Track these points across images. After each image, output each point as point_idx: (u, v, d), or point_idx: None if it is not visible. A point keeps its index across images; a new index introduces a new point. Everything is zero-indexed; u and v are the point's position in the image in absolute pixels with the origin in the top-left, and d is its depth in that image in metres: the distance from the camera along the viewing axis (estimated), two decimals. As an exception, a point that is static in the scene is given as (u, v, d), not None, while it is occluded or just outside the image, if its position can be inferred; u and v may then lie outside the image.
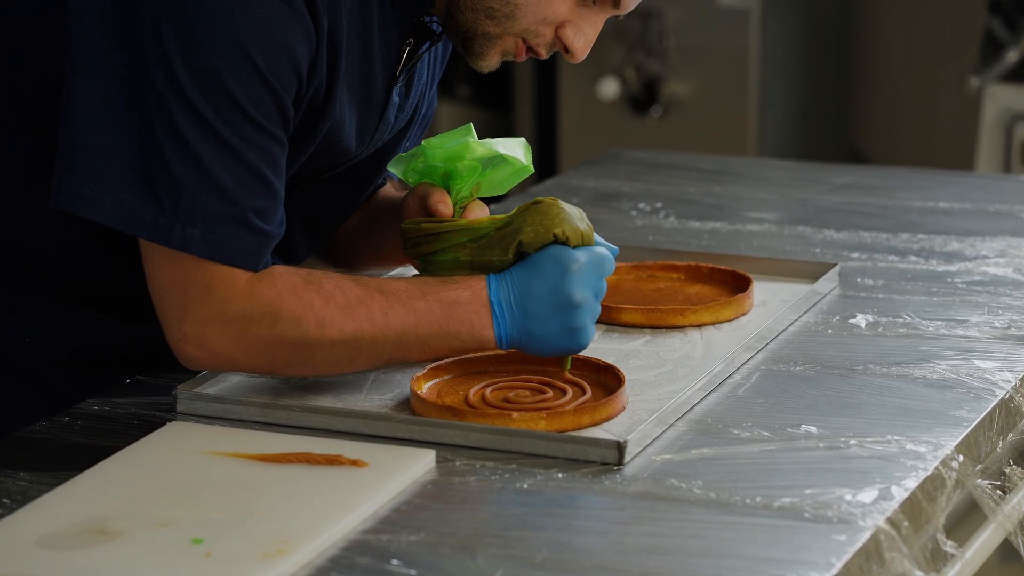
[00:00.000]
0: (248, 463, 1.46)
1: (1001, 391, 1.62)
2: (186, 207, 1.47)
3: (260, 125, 1.48)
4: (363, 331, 1.52)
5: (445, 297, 1.54)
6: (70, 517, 1.36)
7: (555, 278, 1.54)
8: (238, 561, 1.28)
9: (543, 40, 1.59)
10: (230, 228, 1.48)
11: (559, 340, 1.55)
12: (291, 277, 1.52)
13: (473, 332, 1.54)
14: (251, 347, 1.51)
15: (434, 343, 1.54)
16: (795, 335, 1.78)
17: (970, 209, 2.25)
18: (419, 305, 1.53)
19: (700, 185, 2.40)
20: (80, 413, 1.59)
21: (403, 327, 1.53)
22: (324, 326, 1.51)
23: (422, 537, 1.34)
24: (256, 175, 1.49)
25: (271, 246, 1.52)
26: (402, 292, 1.54)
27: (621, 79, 4.03)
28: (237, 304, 1.50)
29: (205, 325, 1.50)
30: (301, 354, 1.52)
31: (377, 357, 1.54)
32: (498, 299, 1.54)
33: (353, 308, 1.52)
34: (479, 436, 1.50)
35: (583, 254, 1.55)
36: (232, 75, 1.46)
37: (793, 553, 1.31)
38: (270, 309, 1.50)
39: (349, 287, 1.53)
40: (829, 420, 1.55)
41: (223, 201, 1.48)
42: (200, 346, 1.51)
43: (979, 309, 1.85)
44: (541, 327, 1.54)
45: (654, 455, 1.48)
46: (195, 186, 1.47)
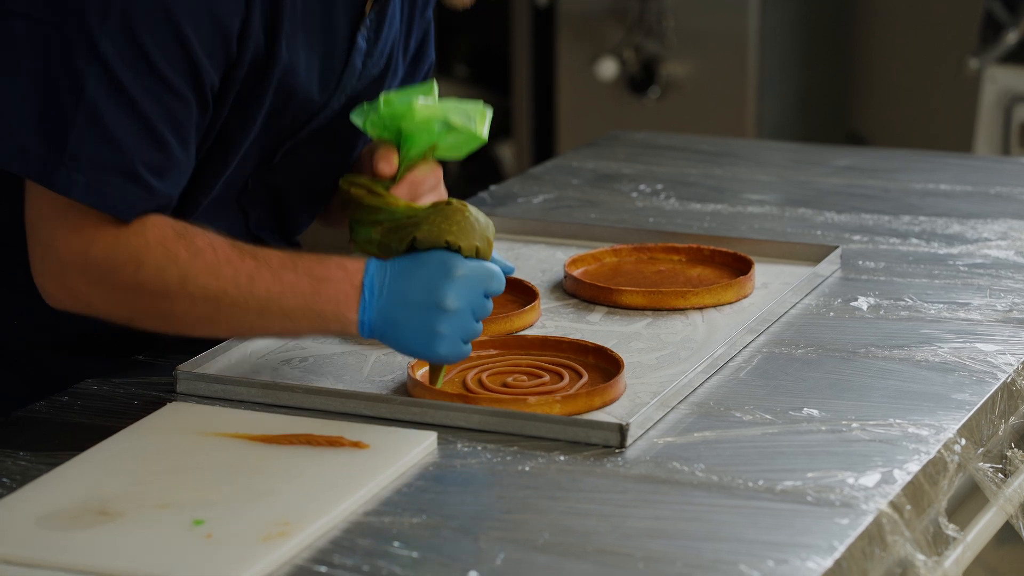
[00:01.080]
0: (249, 444, 1.45)
1: (1003, 374, 1.62)
2: (73, 151, 1.45)
3: (166, 80, 1.46)
4: (226, 292, 1.49)
5: (317, 272, 1.50)
6: (70, 497, 1.35)
7: (435, 277, 1.50)
8: (239, 543, 1.28)
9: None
10: (116, 178, 1.46)
11: (419, 340, 1.50)
12: (163, 228, 1.50)
13: (338, 312, 1.49)
14: (111, 293, 1.49)
15: (297, 318, 1.50)
16: (797, 318, 1.77)
17: (971, 191, 2.24)
18: (288, 276, 1.50)
19: (701, 167, 2.39)
20: (80, 393, 1.58)
21: (267, 296, 1.49)
22: (187, 280, 1.48)
23: (423, 519, 1.34)
24: (151, 130, 1.47)
25: (160, 205, 1.50)
26: (274, 261, 1.50)
27: (620, 60, 4.01)
28: (101, 248, 1.48)
29: (67, 265, 1.48)
30: (160, 305, 1.49)
31: (239, 323, 1.51)
32: (371, 283, 1.50)
33: (220, 267, 1.49)
34: (481, 418, 1.49)
35: (471, 265, 1.51)
36: (144, 25, 1.44)
37: (795, 537, 1.31)
38: (134, 256, 1.48)
39: (221, 247, 1.50)
40: (831, 403, 1.55)
41: (112, 151, 1.46)
42: (60, 285, 1.50)
43: (981, 292, 1.85)
44: (405, 319, 1.49)
45: (656, 438, 1.48)
46: (85, 131, 1.45)
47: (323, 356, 1.66)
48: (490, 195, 2.24)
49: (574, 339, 1.64)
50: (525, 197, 2.23)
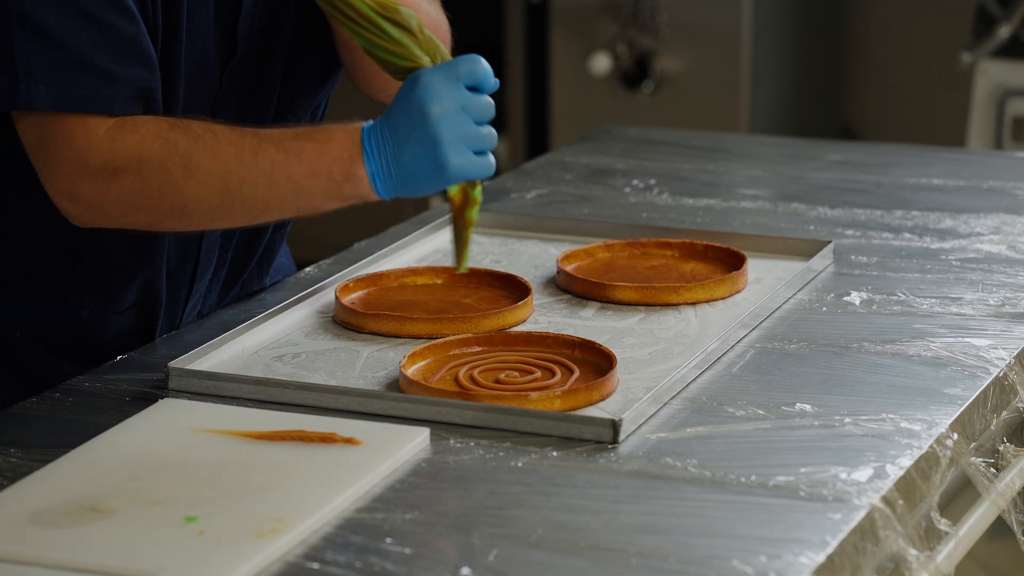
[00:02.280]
0: (241, 441, 1.45)
1: (995, 369, 1.62)
2: (23, 64, 1.44)
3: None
4: (231, 171, 1.48)
5: (318, 136, 1.50)
6: (62, 494, 1.35)
7: (406, 94, 1.49)
8: (232, 539, 1.28)
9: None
10: (75, 75, 1.45)
11: (427, 161, 1.48)
12: (156, 123, 1.49)
13: (346, 170, 1.49)
14: (121, 197, 1.49)
15: (307, 184, 1.49)
16: (789, 313, 1.77)
17: (964, 186, 2.24)
18: (291, 144, 1.49)
19: (694, 162, 2.39)
20: (71, 390, 1.58)
21: (273, 167, 1.49)
22: (190, 167, 1.48)
23: (416, 515, 1.34)
24: (89, 17, 1.45)
25: (131, 89, 1.49)
26: (275, 133, 1.50)
27: (613, 54, 4.01)
28: (99, 154, 1.47)
29: (73, 178, 1.48)
30: (171, 199, 1.48)
31: (251, 203, 1.50)
32: (369, 136, 1.50)
33: (222, 147, 1.48)
34: (474, 414, 1.49)
35: (434, 69, 1.49)
36: None
37: (788, 532, 1.31)
38: (134, 155, 1.47)
39: (221, 129, 1.50)
40: (823, 398, 1.55)
41: (59, 49, 1.44)
42: (73, 199, 1.49)
43: (973, 286, 1.85)
44: (405, 150, 1.48)
45: (649, 433, 1.48)
46: (28, 41, 1.44)
47: (315, 352, 1.65)
48: (484, 190, 2.24)
49: (560, 334, 1.64)
50: (518, 192, 2.23)
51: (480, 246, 1.99)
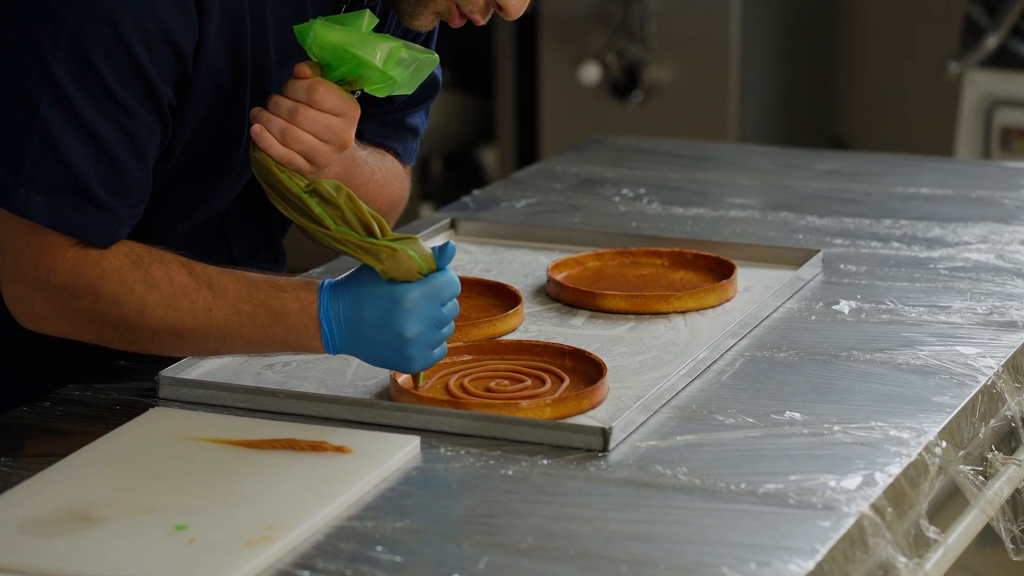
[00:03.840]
0: (232, 449, 1.45)
1: (983, 377, 1.63)
2: (30, 173, 1.46)
3: (121, 103, 1.46)
4: (184, 324, 1.50)
5: (272, 305, 1.50)
6: (52, 503, 1.35)
7: (387, 310, 1.49)
8: (223, 547, 1.28)
9: (476, 5, 1.55)
10: (72, 199, 1.47)
11: (391, 364, 1.51)
12: (119, 258, 1.51)
13: (301, 341, 1.51)
14: (75, 319, 1.51)
15: (261, 344, 1.52)
16: (779, 321, 1.78)
17: (952, 195, 2.25)
18: (245, 308, 1.50)
19: (683, 171, 2.40)
20: (61, 398, 1.58)
21: (227, 327, 1.51)
22: (144, 313, 1.50)
23: (407, 523, 1.34)
24: (105, 150, 1.47)
25: (122, 223, 1.50)
26: (230, 291, 1.51)
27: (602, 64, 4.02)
28: (61, 276, 1.49)
29: (32, 290, 1.50)
30: (123, 334, 1.52)
31: (204, 348, 1.54)
32: (327, 316, 1.50)
33: (177, 299, 1.50)
34: (464, 423, 1.50)
35: (417, 288, 1.49)
36: (97, 46, 1.44)
37: (778, 539, 1.32)
38: (91, 287, 1.49)
39: (179, 276, 1.50)
40: (813, 406, 1.56)
41: (66, 172, 1.46)
42: (27, 309, 1.51)
43: (961, 295, 1.85)
44: (372, 350, 1.50)
45: (639, 442, 1.48)
46: (42, 153, 1.46)
47: (306, 361, 1.66)
48: (473, 199, 2.25)
49: (550, 343, 1.64)
50: (508, 201, 2.24)
51: (470, 255, 1.99)
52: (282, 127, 1.53)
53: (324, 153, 1.54)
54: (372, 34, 1.53)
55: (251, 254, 1.74)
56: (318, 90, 1.52)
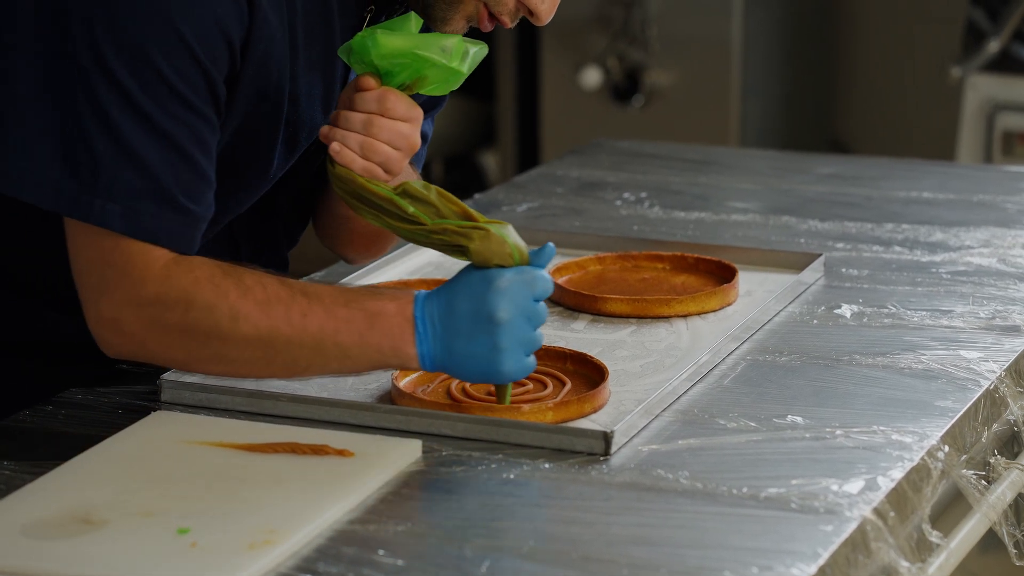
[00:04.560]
0: (234, 453, 1.45)
1: (986, 381, 1.63)
2: (105, 182, 1.45)
3: (187, 101, 1.46)
4: (279, 330, 1.47)
5: (369, 307, 1.48)
6: (55, 506, 1.35)
7: (479, 294, 1.47)
8: (224, 551, 1.28)
9: (506, 7, 1.55)
10: (151, 205, 1.46)
11: (481, 362, 1.48)
12: (210, 267, 1.49)
13: (395, 346, 1.48)
14: (165, 334, 1.48)
15: (354, 353, 1.49)
16: (780, 325, 1.78)
17: (954, 199, 2.25)
18: (341, 312, 1.48)
19: (685, 175, 2.40)
20: (64, 402, 1.58)
21: (322, 332, 1.48)
22: (238, 319, 1.47)
23: (409, 527, 1.34)
24: (180, 152, 1.47)
25: (199, 227, 1.49)
26: (326, 297, 1.49)
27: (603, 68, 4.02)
28: (152, 287, 1.47)
29: (121, 307, 1.47)
30: (215, 347, 1.48)
31: (294, 361, 1.49)
32: (422, 315, 1.48)
33: (271, 305, 1.48)
34: (466, 426, 1.50)
35: (512, 272, 1.48)
36: (159, 49, 1.44)
37: (780, 543, 1.31)
38: (184, 295, 1.47)
39: (271, 284, 1.49)
40: (815, 410, 1.56)
41: (144, 177, 1.45)
42: (116, 330, 1.48)
43: (964, 299, 1.85)
44: (464, 346, 1.48)
45: (640, 445, 1.48)
46: (116, 161, 1.44)
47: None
48: (474, 203, 2.25)
49: (551, 346, 1.64)
50: (509, 205, 2.24)
51: (472, 259, 1.99)
52: (360, 141, 1.53)
53: (398, 160, 1.55)
54: (429, 34, 1.55)
55: (256, 256, 1.74)
56: (389, 99, 1.53)
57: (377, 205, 1.55)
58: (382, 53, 1.52)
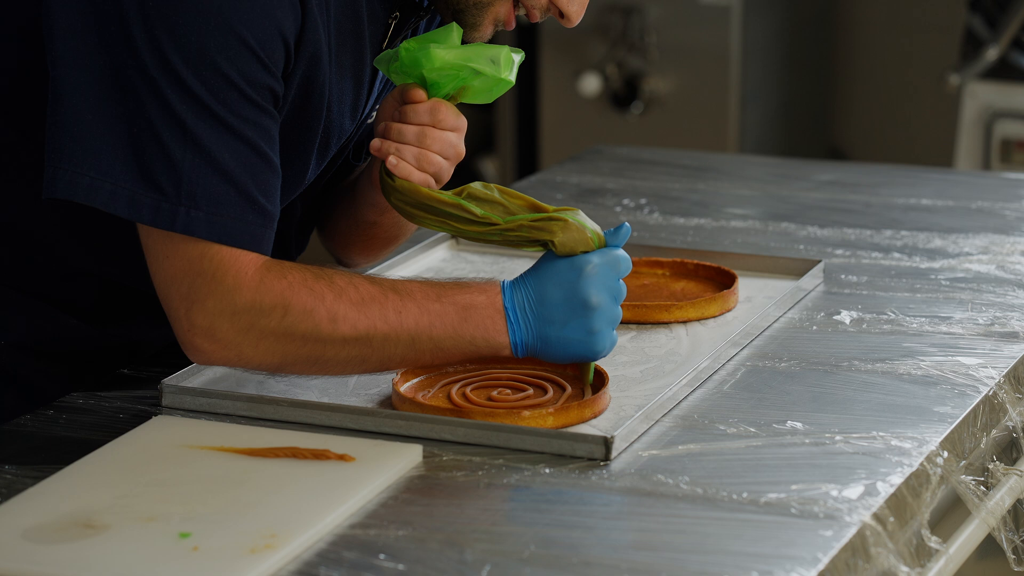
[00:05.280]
0: (235, 457, 1.45)
1: (985, 387, 1.63)
2: (188, 189, 1.45)
3: (254, 101, 1.47)
4: (376, 329, 1.50)
5: (460, 300, 1.52)
6: (56, 510, 1.35)
7: (570, 281, 1.52)
8: (226, 555, 1.28)
9: (538, 3, 1.58)
10: (234, 208, 1.46)
11: (576, 346, 1.53)
12: (301, 271, 1.50)
13: (488, 337, 1.52)
14: (261, 340, 1.48)
15: (447, 346, 1.52)
16: (780, 331, 1.78)
17: (953, 206, 2.26)
18: (434, 307, 1.51)
19: (684, 181, 2.40)
20: (65, 407, 1.58)
21: (417, 328, 1.51)
22: (336, 321, 1.49)
23: (409, 532, 1.34)
24: (256, 152, 1.48)
25: (273, 228, 1.50)
26: (417, 293, 1.51)
27: (602, 75, 4.03)
28: (247, 294, 1.47)
29: (214, 316, 1.47)
30: (312, 349, 1.50)
31: (389, 358, 1.52)
32: (513, 305, 1.52)
33: (367, 305, 1.49)
34: (466, 431, 1.50)
35: (597, 256, 1.53)
36: (222, 53, 1.45)
37: (780, 548, 1.32)
38: (280, 300, 1.48)
39: (362, 284, 1.51)
40: (814, 416, 1.56)
41: (225, 181, 1.46)
42: (210, 337, 1.48)
43: (962, 306, 1.86)
44: (557, 332, 1.52)
45: (641, 451, 1.49)
46: (195, 167, 1.45)
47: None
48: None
49: None
50: (509, 211, 2.24)
51: (472, 264, 2.00)
52: (416, 153, 1.56)
53: (448, 170, 1.59)
54: (474, 45, 1.57)
55: None
56: (440, 110, 1.56)
57: (443, 212, 1.56)
58: (435, 67, 1.55)
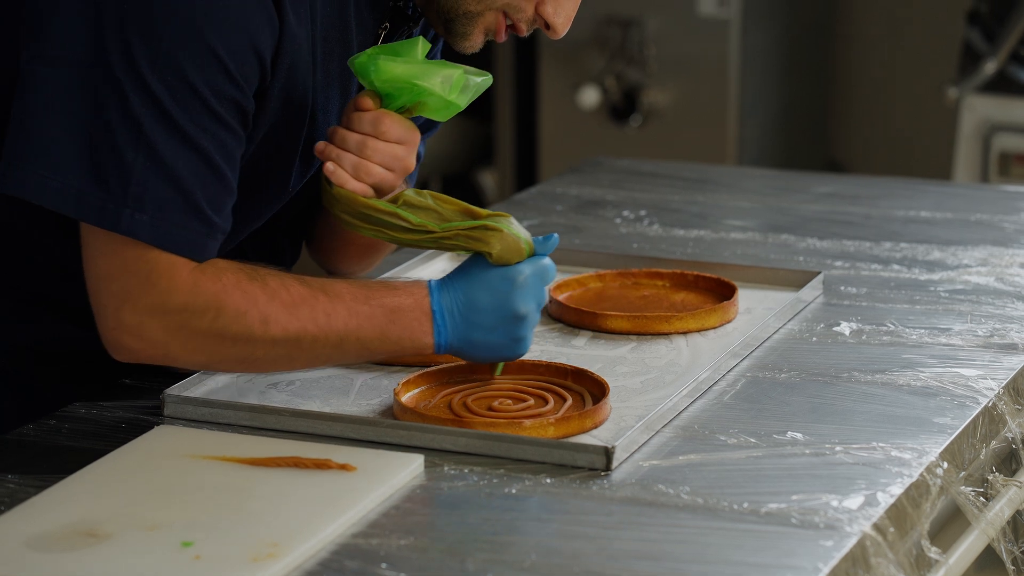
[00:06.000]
0: (237, 467, 1.46)
1: (984, 399, 1.63)
2: (135, 192, 1.45)
3: (217, 115, 1.47)
4: (306, 331, 1.51)
5: (388, 303, 1.53)
6: (59, 519, 1.36)
7: (503, 291, 1.54)
8: (228, 564, 1.29)
9: (524, 16, 1.58)
10: (179, 216, 1.47)
11: (499, 349, 1.57)
12: (236, 272, 1.50)
13: (413, 338, 1.54)
14: (190, 340, 1.49)
15: (374, 347, 1.54)
16: (780, 343, 1.79)
17: (951, 218, 2.26)
18: (362, 309, 1.52)
19: (684, 193, 2.41)
20: (68, 416, 1.59)
21: (345, 330, 1.52)
22: (268, 323, 1.50)
23: (411, 541, 1.35)
24: (209, 164, 1.48)
25: (218, 240, 1.51)
26: (346, 295, 1.53)
27: (601, 87, 4.03)
28: (180, 296, 1.48)
29: (145, 315, 1.48)
30: (242, 350, 1.51)
31: (316, 357, 1.54)
32: (440, 308, 1.54)
33: (297, 307, 1.51)
34: (468, 441, 1.50)
35: (528, 267, 1.55)
36: (191, 61, 1.45)
37: (780, 558, 1.32)
38: (214, 302, 1.48)
39: (294, 285, 1.51)
40: (814, 427, 1.56)
41: (174, 188, 1.46)
42: (138, 336, 1.49)
43: (962, 317, 1.86)
44: (483, 337, 1.55)
45: (641, 461, 1.49)
46: (146, 171, 1.45)
47: (310, 380, 1.66)
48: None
49: (552, 362, 1.65)
50: (509, 223, 2.24)
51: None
52: (354, 162, 1.56)
53: (391, 182, 1.58)
54: (432, 62, 1.56)
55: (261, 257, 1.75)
56: (384, 122, 1.55)
57: (379, 220, 1.56)
58: (383, 78, 1.54)
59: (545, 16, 1.58)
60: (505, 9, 1.57)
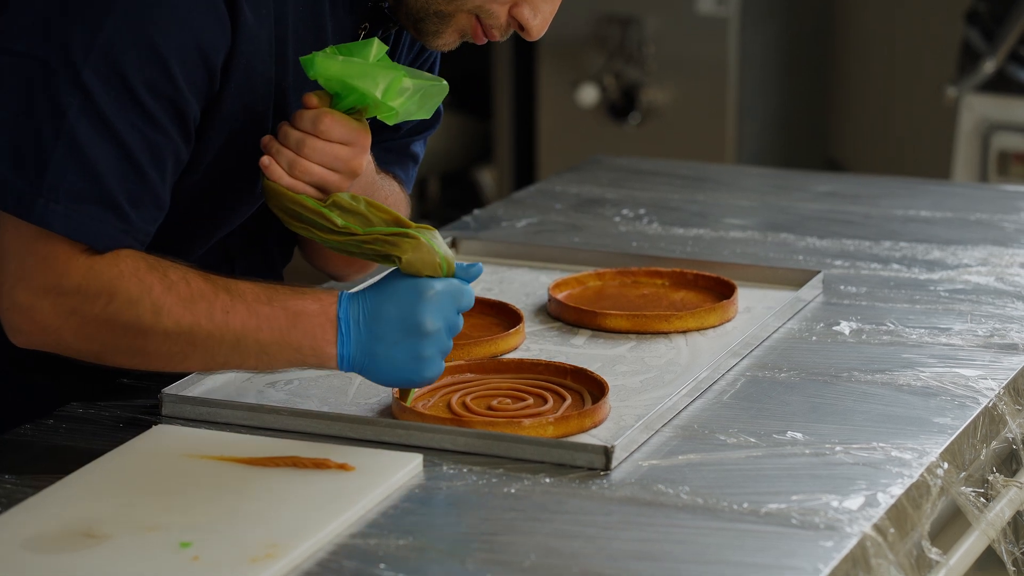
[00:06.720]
0: (235, 466, 1.45)
1: (985, 399, 1.63)
2: (51, 182, 1.43)
3: (149, 114, 1.45)
4: (200, 326, 1.47)
5: (292, 306, 1.49)
6: (56, 520, 1.35)
7: (409, 302, 1.49)
8: (226, 565, 1.28)
9: (497, 21, 1.56)
10: (94, 209, 1.45)
11: (403, 369, 1.50)
12: (135, 260, 1.47)
13: (315, 346, 1.49)
14: (82, 326, 1.46)
15: (273, 351, 1.49)
16: (779, 342, 1.78)
17: (951, 218, 2.26)
18: (263, 310, 1.48)
19: (683, 192, 2.40)
20: (65, 416, 1.58)
21: (243, 329, 1.47)
22: (160, 314, 1.46)
23: (410, 541, 1.34)
24: (131, 162, 1.45)
25: (137, 239, 1.48)
26: (248, 294, 1.49)
27: (600, 86, 4.03)
28: (74, 278, 1.45)
29: (38, 296, 1.45)
30: (133, 340, 1.47)
31: (212, 357, 1.49)
32: (347, 316, 1.49)
33: (194, 301, 1.47)
34: (467, 441, 1.50)
35: (441, 283, 1.50)
36: (128, 55, 1.43)
37: (780, 559, 1.32)
38: (107, 287, 1.45)
39: (195, 280, 1.48)
40: (814, 427, 1.56)
41: (90, 181, 1.44)
42: (29, 317, 1.46)
43: (962, 317, 1.86)
44: (386, 351, 1.49)
45: (641, 460, 1.49)
46: (64, 161, 1.43)
47: (308, 379, 1.66)
48: (474, 219, 2.25)
49: (551, 361, 1.65)
50: (509, 221, 2.24)
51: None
52: (290, 159, 1.53)
53: (335, 183, 1.54)
54: (376, 63, 1.53)
55: (250, 272, 1.74)
56: (324, 120, 1.52)
57: (307, 219, 1.53)
58: (322, 75, 1.51)
59: (521, 19, 1.55)
60: (477, 13, 1.56)
